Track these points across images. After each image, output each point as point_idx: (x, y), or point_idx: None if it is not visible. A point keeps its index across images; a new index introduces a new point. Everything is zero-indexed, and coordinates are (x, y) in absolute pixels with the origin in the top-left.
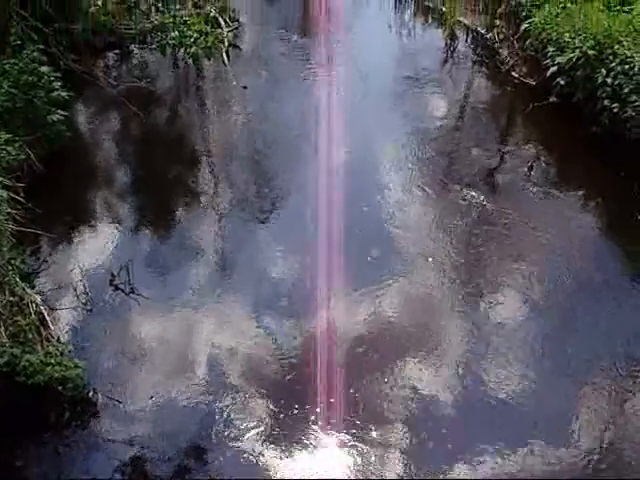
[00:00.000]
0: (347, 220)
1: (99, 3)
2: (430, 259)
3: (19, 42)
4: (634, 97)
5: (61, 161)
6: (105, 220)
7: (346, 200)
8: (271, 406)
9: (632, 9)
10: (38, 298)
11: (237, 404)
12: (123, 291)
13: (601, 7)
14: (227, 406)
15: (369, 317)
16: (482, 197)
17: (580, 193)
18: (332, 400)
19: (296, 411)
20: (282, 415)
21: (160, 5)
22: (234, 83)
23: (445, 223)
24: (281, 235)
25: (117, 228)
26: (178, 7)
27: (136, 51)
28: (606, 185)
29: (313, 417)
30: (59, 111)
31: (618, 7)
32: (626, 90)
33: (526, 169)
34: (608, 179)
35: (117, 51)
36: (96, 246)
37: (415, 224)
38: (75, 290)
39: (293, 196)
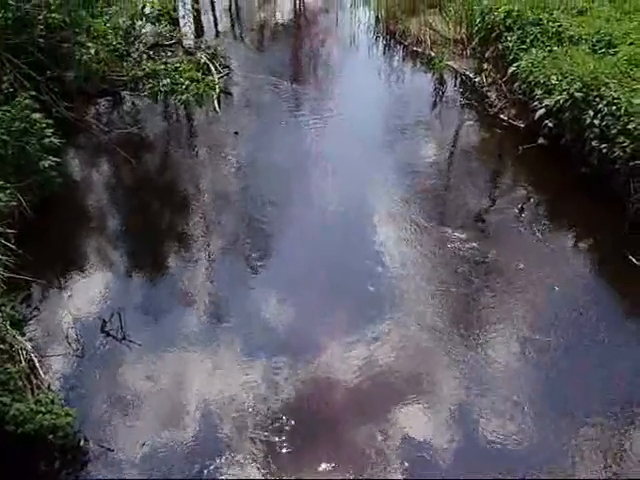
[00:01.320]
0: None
1: (92, 51)
2: (426, 309)
3: (11, 89)
4: (622, 138)
5: (52, 207)
6: (96, 266)
7: (339, 257)
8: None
9: (617, 52)
10: (28, 345)
11: (227, 452)
12: (115, 337)
13: (587, 50)
14: (217, 453)
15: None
16: (474, 243)
17: (571, 234)
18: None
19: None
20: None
21: (152, 52)
22: (224, 129)
23: (438, 273)
24: (271, 277)
25: (108, 274)
26: (169, 54)
27: (128, 98)
28: (597, 226)
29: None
30: (51, 158)
31: (603, 50)
32: (614, 131)
33: (517, 211)
34: (599, 220)
35: (109, 98)
36: (87, 293)
37: (410, 270)
38: (66, 337)
39: (284, 245)
